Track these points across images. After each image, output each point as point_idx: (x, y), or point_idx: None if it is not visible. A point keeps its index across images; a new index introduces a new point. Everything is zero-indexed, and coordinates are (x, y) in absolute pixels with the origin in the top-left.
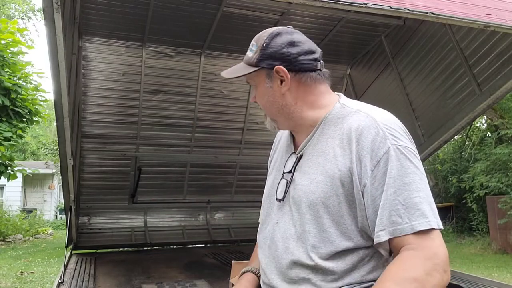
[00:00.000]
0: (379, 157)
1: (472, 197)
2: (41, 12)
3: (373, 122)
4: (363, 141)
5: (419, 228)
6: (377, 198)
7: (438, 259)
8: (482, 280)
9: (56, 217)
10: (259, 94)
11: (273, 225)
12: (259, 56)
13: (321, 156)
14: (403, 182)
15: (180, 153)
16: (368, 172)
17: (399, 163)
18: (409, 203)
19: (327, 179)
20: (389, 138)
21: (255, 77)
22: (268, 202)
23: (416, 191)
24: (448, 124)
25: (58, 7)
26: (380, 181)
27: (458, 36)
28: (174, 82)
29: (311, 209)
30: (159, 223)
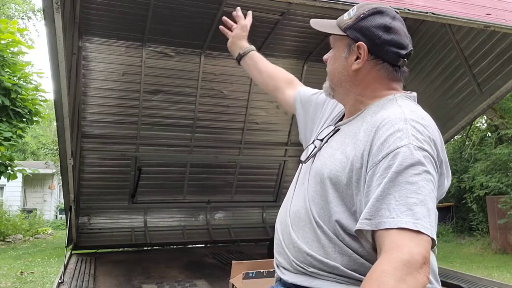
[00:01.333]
0: (390, 150)
1: (472, 197)
2: (41, 12)
3: (402, 117)
4: (383, 132)
5: (403, 225)
6: (373, 188)
7: (413, 261)
8: (482, 280)
9: (56, 217)
10: (332, 58)
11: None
12: (351, 24)
13: (348, 136)
14: (406, 180)
15: (180, 153)
16: (374, 161)
17: (409, 162)
18: (403, 201)
19: (343, 158)
20: (410, 137)
21: (338, 40)
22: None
23: (416, 193)
24: (448, 124)
25: (58, 7)
26: (382, 173)
27: (458, 36)
28: (174, 82)
29: (322, 182)
30: (159, 223)
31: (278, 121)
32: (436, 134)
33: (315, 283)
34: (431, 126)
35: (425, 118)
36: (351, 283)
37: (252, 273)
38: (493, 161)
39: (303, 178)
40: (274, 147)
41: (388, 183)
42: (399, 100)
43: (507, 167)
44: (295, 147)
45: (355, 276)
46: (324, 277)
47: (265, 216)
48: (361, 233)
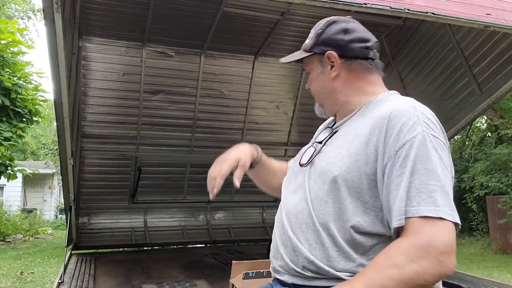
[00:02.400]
0: (406, 140)
1: (472, 197)
2: (41, 12)
3: (410, 107)
4: (395, 122)
5: (424, 213)
6: (395, 178)
7: (431, 247)
8: (482, 280)
9: (56, 217)
10: (312, 80)
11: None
12: (313, 42)
13: (352, 133)
14: (424, 167)
15: (180, 153)
16: (392, 152)
17: (425, 150)
18: (424, 189)
19: (351, 154)
20: (422, 124)
21: (309, 63)
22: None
23: (435, 180)
24: (448, 124)
25: (58, 7)
26: (402, 162)
27: (458, 36)
28: (174, 82)
29: (332, 181)
30: (159, 223)
31: (278, 121)
32: (440, 124)
33: (313, 283)
34: (430, 111)
35: (426, 107)
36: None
37: (252, 273)
38: (493, 161)
39: (302, 180)
40: (274, 147)
41: (408, 172)
42: (395, 94)
43: (507, 167)
44: (295, 147)
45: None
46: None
47: (265, 216)
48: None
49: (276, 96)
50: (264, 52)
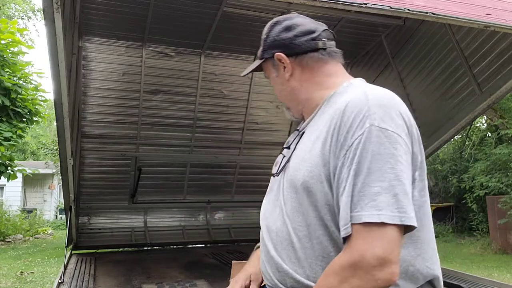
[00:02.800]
0: (355, 138)
1: (472, 197)
2: (41, 12)
3: (363, 98)
4: (347, 118)
5: (365, 219)
6: (342, 181)
7: (362, 262)
8: (482, 280)
9: (56, 217)
10: (273, 85)
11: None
12: (262, 48)
13: (314, 134)
14: (368, 167)
15: (180, 153)
16: (342, 152)
17: (371, 147)
18: (366, 192)
19: (312, 157)
20: (371, 117)
21: (266, 69)
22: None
23: (379, 180)
24: (448, 124)
25: (58, 7)
26: (349, 164)
27: (458, 36)
28: (174, 82)
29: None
30: (159, 223)
31: (278, 121)
32: (400, 108)
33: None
34: (396, 100)
35: (388, 92)
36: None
37: None
38: (493, 161)
39: (277, 192)
40: (274, 147)
41: (352, 174)
42: (356, 82)
43: (507, 167)
44: None
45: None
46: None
47: None
48: None
49: (276, 96)
50: None
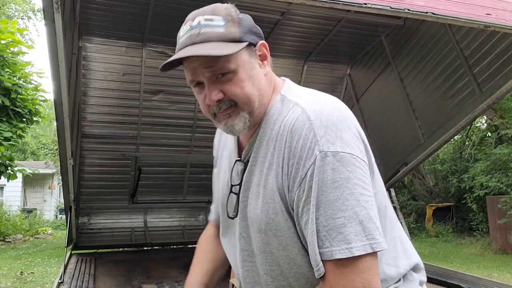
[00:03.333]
0: (306, 169)
1: (472, 197)
2: (41, 12)
3: (306, 120)
4: (294, 147)
5: (337, 256)
6: (302, 216)
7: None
8: (482, 280)
9: (56, 217)
10: (238, 81)
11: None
12: (242, 30)
13: (262, 164)
14: (327, 199)
15: (180, 153)
16: (295, 185)
17: (325, 176)
18: (331, 225)
19: (269, 192)
20: (319, 143)
21: (234, 58)
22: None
23: (341, 210)
24: (448, 124)
25: (58, 7)
26: (306, 197)
27: (458, 36)
28: (174, 82)
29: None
30: (159, 223)
31: None
32: (346, 119)
33: None
34: (338, 112)
35: (327, 102)
36: None
37: None
38: (493, 161)
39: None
40: None
41: (312, 209)
42: (288, 95)
43: (507, 167)
44: None
45: None
46: None
47: None
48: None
49: None
50: None
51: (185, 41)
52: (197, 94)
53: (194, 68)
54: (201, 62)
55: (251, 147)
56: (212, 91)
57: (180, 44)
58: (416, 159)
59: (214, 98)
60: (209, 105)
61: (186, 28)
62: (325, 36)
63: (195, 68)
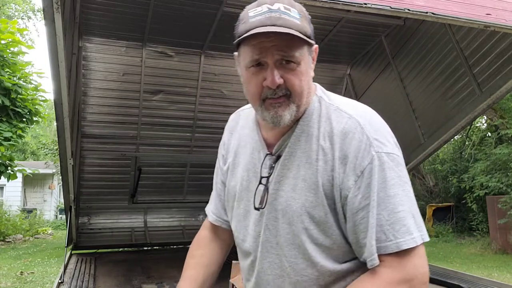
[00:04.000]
0: (363, 167)
1: (472, 197)
2: (41, 12)
3: (357, 125)
4: (346, 148)
5: (404, 246)
6: (359, 211)
7: (415, 280)
8: (482, 280)
9: (56, 217)
10: (299, 74)
11: (255, 237)
12: (310, 27)
13: (300, 159)
14: (387, 195)
15: (180, 153)
16: (350, 183)
17: (382, 174)
18: (394, 218)
19: (310, 186)
20: (374, 145)
21: (302, 51)
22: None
23: (400, 205)
24: (448, 124)
25: (58, 7)
26: (364, 193)
27: (458, 36)
28: (174, 82)
29: (296, 219)
30: (159, 223)
31: None
32: (382, 122)
33: None
34: (375, 116)
35: (366, 110)
36: None
37: None
38: (493, 161)
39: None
40: None
41: (373, 204)
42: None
43: (507, 167)
44: None
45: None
46: None
47: None
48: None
49: None
50: None
51: (264, 21)
52: (252, 74)
53: (265, 48)
54: (275, 44)
55: (285, 142)
56: (275, 75)
57: (256, 23)
58: (416, 159)
59: (278, 81)
60: (262, 88)
61: (263, 10)
62: (325, 36)
63: (267, 48)
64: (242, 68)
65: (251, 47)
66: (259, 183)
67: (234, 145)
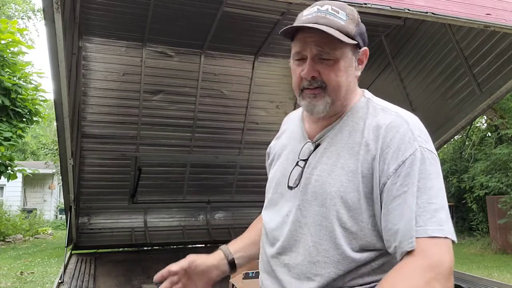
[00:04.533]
0: (405, 157)
1: (472, 197)
2: (41, 12)
3: (403, 122)
4: (391, 139)
5: (432, 233)
6: (396, 198)
7: (441, 267)
8: (482, 280)
9: (56, 217)
10: (336, 70)
11: (283, 216)
12: (356, 30)
13: (341, 149)
14: (425, 185)
15: (180, 153)
16: (390, 170)
17: (424, 166)
18: (428, 208)
19: (348, 173)
20: (418, 140)
21: (343, 50)
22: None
23: (435, 197)
24: (448, 124)
25: (58, 7)
26: (403, 181)
27: (458, 36)
28: (174, 82)
29: (329, 202)
30: (159, 223)
31: (278, 121)
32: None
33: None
34: (419, 121)
35: (412, 114)
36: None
37: (252, 273)
38: (493, 161)
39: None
40: None
41: (411, 191)
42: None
43: (507, 167)
44: None
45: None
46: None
47: None
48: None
49: (276, 96)
50: (264, 52)
51: (310, 19)
52: (296, 66)
53: (306, 42)
54: (315, 39)
55: (326, 133)
56: (311, 67)
57: (303, 20)
58: None
59: (311, 73)
60: (301, 79)
61: (314, 10)
62: None
63: (307, 42)
64: (291, 61)
65: (296, 41)
66: (296, 165)
67: (279, 143)
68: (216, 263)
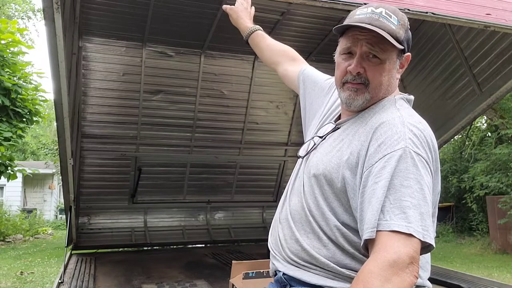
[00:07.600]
0: (387, 152)
1: (472, 197)
2: (41, 12)
3: (400, 122)
4: (380, 134)
5: (395, 228)
6: (368, 189)
7: (399, 260)
8: (482, 280)
9: (56, 217)
10: (382, 70)
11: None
12: (405, 36)
13: (347, 135)
14: (401, 183)
15: (180, 153)
16: (371, 162)
17: (404, 165)
18: (398, 204)
19: (339, 157)
20: (406, 140)
21: (389, 52)
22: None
23: (410, 196)
24: (448, 124)
25: (58, 7)
26: (377, 173)
27: (458, 36)
28: (174, 82)
29: (317, 178)
30: (159, 223)
31: (278, 121)
32: (432, 140)
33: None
34: (427, 131)
35: (422, 122)
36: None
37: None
38: (493, 161)
39: (300, 174)
40: (274, 147)
41: (383, 185)
42: (398, 103)
43: (507, 167)
44: (295, 147)
45: (344, 273)
46: (314, 272)
47: (265, 216)
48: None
49: (276, 96)
50: None
51: (363, 19)
52: (342, 60)
53: (357, 39)
54: (367, 37)
55: (348, 120)
56: (358, 63)
57: (356, 19)
58: None
59: (357, 68)
60: (346, 72)
61: (368, 11)
62: (325, 36)
63: (358, 40)
64: (336, 55)
65: (347, 37)
66: (311, 138)
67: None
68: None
